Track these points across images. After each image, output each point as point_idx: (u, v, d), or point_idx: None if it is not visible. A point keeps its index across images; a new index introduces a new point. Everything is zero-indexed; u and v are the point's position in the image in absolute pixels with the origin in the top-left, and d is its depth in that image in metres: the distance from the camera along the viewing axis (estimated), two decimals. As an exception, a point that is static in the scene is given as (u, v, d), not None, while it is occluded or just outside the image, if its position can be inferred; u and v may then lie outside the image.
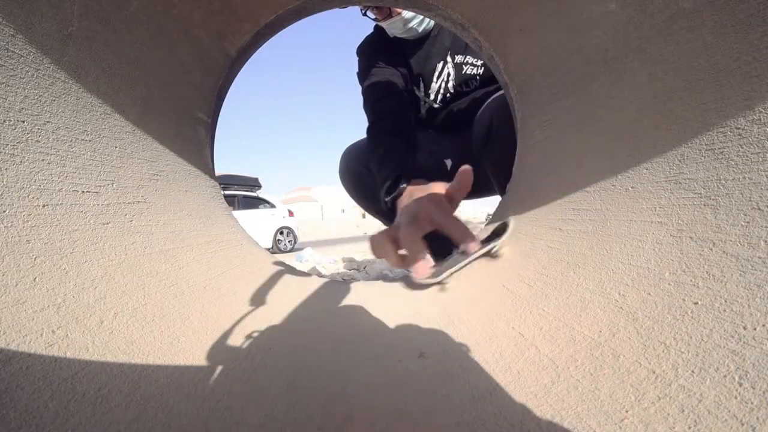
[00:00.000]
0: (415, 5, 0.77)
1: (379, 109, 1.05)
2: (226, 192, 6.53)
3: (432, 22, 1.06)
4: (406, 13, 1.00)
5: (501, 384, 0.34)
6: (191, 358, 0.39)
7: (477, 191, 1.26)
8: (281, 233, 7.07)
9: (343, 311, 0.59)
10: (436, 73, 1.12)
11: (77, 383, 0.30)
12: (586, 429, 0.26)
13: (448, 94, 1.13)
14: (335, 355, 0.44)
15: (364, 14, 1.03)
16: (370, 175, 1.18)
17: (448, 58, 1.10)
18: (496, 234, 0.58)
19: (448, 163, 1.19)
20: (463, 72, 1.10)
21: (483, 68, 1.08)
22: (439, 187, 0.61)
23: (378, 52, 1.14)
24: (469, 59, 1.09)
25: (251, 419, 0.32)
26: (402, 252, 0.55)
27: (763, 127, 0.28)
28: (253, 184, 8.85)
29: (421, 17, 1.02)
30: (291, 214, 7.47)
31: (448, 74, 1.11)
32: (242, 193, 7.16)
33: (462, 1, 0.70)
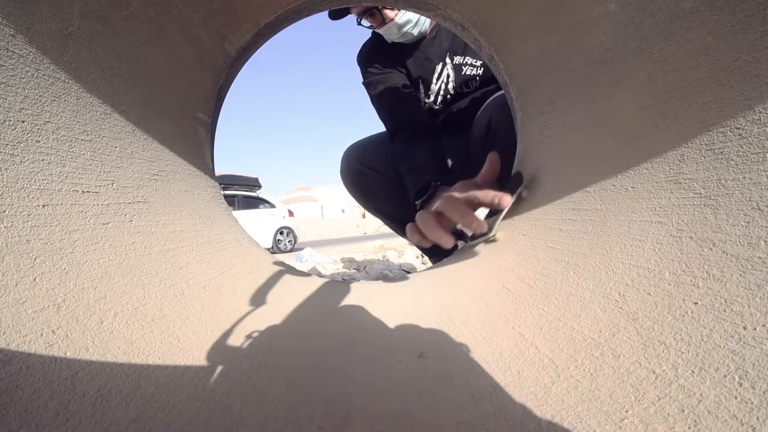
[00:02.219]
0: (415, 5, 0.77)
1: (397, 117, 1.09)
2: (226, 192, 6.53)
3: (427, 25, 1.07)
4: (400, 18, 1.01)
5: (501, 384, 0.34)
6: (191, 358, 0.39)
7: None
8: (281, 233, 7.08)
9: (343, 311, 0.59)
10: (436, 75, 1.12)
11: (77, 383, 0.30)
12: (586, 429, 0.26)
13: (448, 96, 1.13)
14: (335, 355, 0.44)
15: (359, 23, 1.05)
16: (371, 175, 1.18)
17: (447, 60, 1.10)
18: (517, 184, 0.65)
19: (449, 163, 1.19)
20: (463, 73, 1.10)
21: (483, 68, 1.08)
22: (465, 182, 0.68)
23: (377, 57, 1.16)
24: (468, 60, 1.09)
25: (251, 419, 0.32)
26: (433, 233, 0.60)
27: (763, 127, 0.28)
28: (253, 184, 8.86)
29: (415, 21, 1.03)
30: (291, 214, 7.48)
31: (448, 76, 1.11)
32: (242, 193, 7.16)
33: (462, 1, 0.70)
